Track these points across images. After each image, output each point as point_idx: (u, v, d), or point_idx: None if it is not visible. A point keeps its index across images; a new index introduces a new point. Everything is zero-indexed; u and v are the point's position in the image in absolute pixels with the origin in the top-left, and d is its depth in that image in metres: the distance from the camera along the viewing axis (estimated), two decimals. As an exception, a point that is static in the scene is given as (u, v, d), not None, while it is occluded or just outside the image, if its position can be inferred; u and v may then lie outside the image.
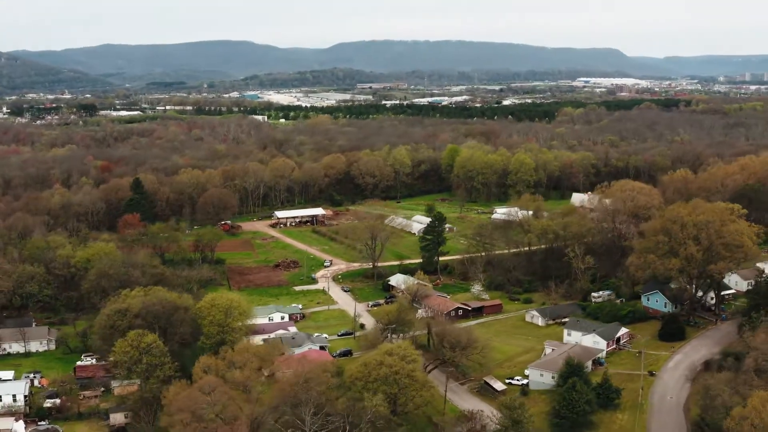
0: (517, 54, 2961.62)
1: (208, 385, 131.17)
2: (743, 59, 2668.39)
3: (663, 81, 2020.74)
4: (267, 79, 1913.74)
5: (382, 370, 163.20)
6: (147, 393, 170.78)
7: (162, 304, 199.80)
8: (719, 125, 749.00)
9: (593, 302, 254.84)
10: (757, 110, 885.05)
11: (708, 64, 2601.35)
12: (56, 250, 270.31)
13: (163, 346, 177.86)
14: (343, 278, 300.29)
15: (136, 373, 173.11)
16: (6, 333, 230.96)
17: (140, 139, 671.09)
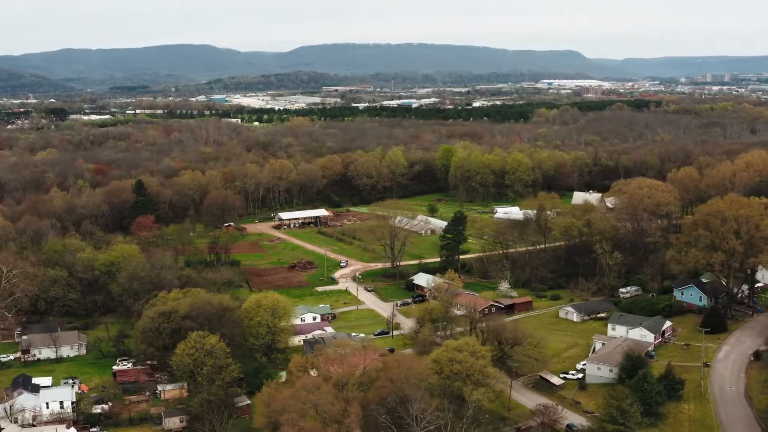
0: (479, 56, 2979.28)
1: (313, 384, 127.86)
2: (702, 60, 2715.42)
3: (625, 82, 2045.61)
4: (231, 83, 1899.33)
5: (455, 367, 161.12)
6: (212, 396, 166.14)
7: (211, 305, 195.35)
8: (694, 125, 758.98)
9: (621, 298, 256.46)
10: (728, 110, 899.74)
11: (667, 66, 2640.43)
12: (75, 254, 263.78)
13: (226, 348, 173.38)
14: (364, 278, 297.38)
15: (201, 375, 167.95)
16: (36, 338, 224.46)
17: (118, 143, 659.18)
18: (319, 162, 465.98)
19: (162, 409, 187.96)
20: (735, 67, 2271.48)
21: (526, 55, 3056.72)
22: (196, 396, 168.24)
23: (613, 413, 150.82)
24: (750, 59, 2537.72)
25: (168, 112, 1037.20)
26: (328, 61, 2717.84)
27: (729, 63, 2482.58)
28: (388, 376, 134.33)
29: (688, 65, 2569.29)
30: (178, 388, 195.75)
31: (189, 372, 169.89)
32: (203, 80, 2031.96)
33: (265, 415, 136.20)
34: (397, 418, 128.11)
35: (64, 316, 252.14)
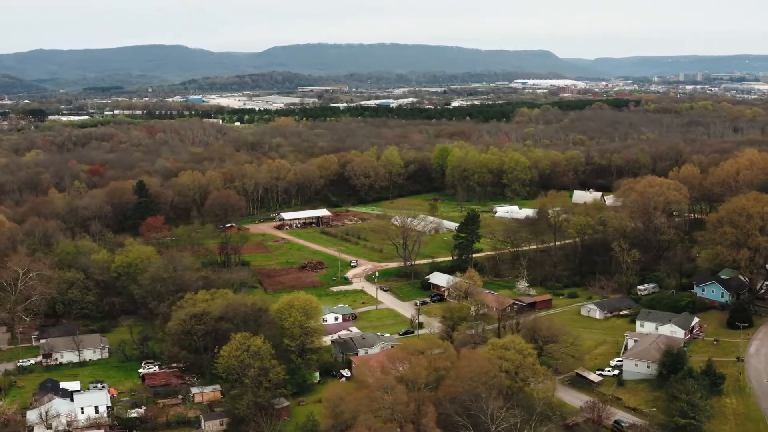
0: (452, 56, 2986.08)
1: (388, 384, 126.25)
2: (673, 60, 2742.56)
3: (598, 81, 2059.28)
4: (205, 83, 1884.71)
5: (504, 364, 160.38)
6: (260, 398, 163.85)
7: (246, 306, 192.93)
8: (676, 124, 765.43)
9: (639, 295, 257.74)
10: (708, 109, 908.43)
11: (638, 65, 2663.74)
12: (88, 256, 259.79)
13: (271, 350, 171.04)
14: (378, 278, 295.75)
15: (248, 377, 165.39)
16: (59, 342, 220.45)
17: (102, 143, 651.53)
18: (315, 162, 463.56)
19: (197, 412, 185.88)
20: (705, 67, 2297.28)
21: (499, 55, 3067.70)
22: (243, 398, 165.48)
23: (684, 407, 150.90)
24: (720, 59, 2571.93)
25: (147, 113, 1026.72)
26: (301, 61, 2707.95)
27: (700, 62, 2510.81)
28: (458, 375, 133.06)
29: (660, 65, 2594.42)
30: (212, 391, 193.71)
31: (236, 374, 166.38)
32: (176, 80, 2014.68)
33: (333, 416, 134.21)
34: (467, 417, 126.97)
35: (78, 319, 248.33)
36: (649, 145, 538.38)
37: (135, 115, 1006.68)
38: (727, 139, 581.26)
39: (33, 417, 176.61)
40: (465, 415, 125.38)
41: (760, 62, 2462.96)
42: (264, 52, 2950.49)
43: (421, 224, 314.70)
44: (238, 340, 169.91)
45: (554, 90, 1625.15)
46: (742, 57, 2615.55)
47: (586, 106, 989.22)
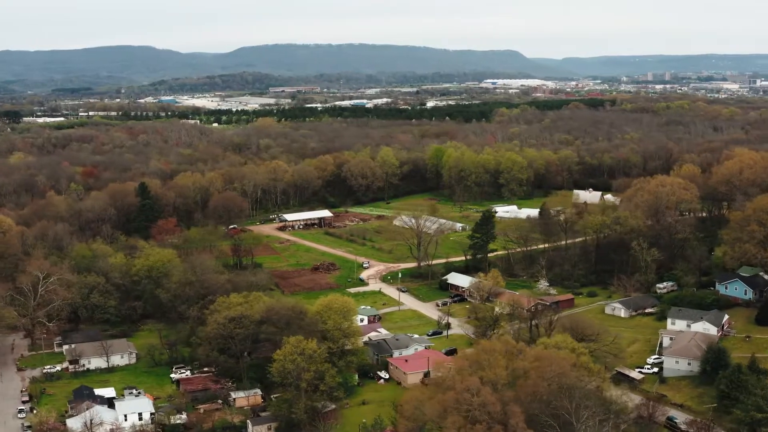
0: (420, 56, 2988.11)
1: (474, 386, 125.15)
2: (640, 59, 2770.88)
3: (567, 81, 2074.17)
4: (175, 84, 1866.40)
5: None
6: (316, 402, 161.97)
7: (287, 308, 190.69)
8: (656, 123, 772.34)
9: (658, 293, 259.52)
10: (685, 109, 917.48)
11: (605, 65, 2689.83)
12: (105, 259, 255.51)
13: (324, 353, 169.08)
14: (393, 278, 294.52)
15: (304, 381, 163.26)
16: (87, 348, 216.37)
17: (83, 145, 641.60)
18: (312, 163, 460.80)
19: (239, 417, 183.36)
20: (672, 66, 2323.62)
21: (467, 55, 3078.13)
22: (298, 403, 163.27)
23: (759, 402, 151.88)
24: (687, 58, 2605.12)
25: (122, 114, 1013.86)
26: (269, 61, 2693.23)
27: (666, 62, 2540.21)
28: (539, 374, 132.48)
29: (626, 64, 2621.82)
30: (252, 395, 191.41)
31: (292, 378, 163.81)
32: (145, 81, 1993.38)
33: (413, 418, 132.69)
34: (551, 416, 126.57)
35: (96, 324, 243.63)
36: (638, 145, 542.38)
37: (110, 117, 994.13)
38: (713, 138, 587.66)
39: (75, 425, 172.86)
40: (549, 414, 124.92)
41: (726, 61, 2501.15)
42: (232, 52, 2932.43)
43: (435, 225, 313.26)
44: (292, 343, 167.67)
45: (526, 90, 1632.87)
46: (708, 56, 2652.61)
47: (563, 106, 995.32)
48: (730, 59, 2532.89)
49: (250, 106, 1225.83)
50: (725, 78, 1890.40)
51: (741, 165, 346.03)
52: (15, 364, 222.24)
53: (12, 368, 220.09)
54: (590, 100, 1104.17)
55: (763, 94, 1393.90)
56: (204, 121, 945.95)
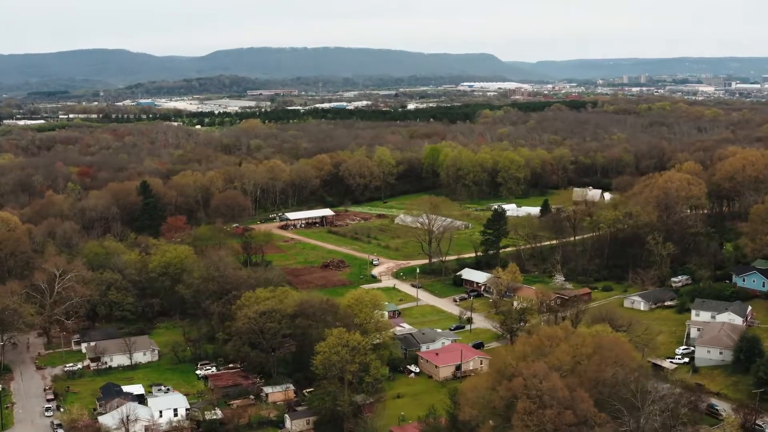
0: (396, 59, 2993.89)
1: (542, 372, 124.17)
2: (614, 63, 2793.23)
3: (543, 84, 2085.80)
4: (152, 87, 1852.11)
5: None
6: (362, 394, 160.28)
7: (321, 301, 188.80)
8: (640, 124, 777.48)
9: (674, 287, 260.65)
10: (667, 110, 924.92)
11: (579, 68, 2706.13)
12: (119, 256, 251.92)
13: (368, 345, 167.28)
14: (405, 275, 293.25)
15: (349, 372, 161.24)
16: (110, 345, 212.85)
17: (68, 147, 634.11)
18: (309, 162, 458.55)
19: (272, 412, 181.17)
20: (646, 69, 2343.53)
21: (443, 58, 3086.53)
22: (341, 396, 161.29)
23: None
24: (661, 61, 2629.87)
25: (103, 117, 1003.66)
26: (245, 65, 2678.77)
27: (640, 65, 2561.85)
28: (602, 360, 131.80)
29: (601, 67, 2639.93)
30: (285, 390, 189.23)
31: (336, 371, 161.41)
32: (120, 85, 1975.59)
33: (479, 406, 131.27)
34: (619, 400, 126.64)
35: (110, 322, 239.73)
36: (630, 144, 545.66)
37: (90, 119, 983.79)
38: (703, 138, 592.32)
39: (109, 421, 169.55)
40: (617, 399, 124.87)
41: (699, 64, 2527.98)
42: (208, 56, 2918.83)
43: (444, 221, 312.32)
44: (335, 335, 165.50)
45: (504, 92, 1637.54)
46: (682, 59, 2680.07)
47: (545, 108, 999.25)
48: (703, 62, 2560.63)
49: (230, 109, 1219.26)
50: (700, 81, 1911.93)
51: (744, 162, 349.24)
52: (33, 363, 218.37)
53: (30, 367, 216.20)
54: (571, 102, 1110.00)
55: (740, 96, 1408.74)
56: (186, 123, 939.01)
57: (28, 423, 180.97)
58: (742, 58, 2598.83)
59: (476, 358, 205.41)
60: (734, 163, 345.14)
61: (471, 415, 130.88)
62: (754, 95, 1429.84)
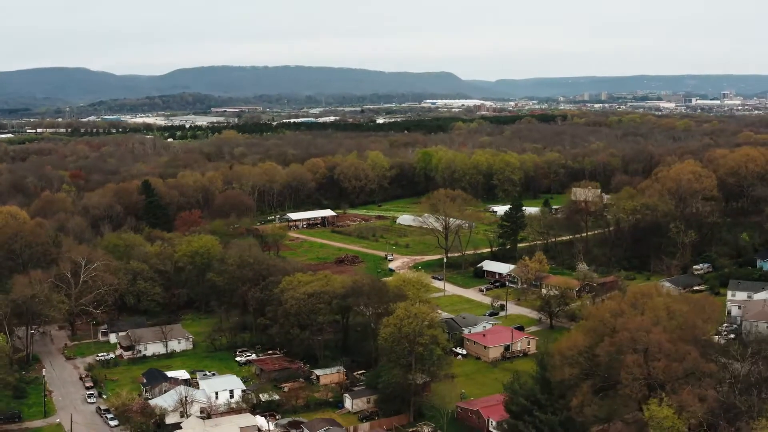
0: (356, 78, 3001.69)
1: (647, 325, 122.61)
2: (573, 81, 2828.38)
3: (505, 101, 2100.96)
4: (115, 105, 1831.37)
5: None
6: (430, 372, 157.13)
7: (372, 281, 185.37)
8: (614, 135, 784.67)
9: (696, 274, 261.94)
10: (638, 122, 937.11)
11: (539, 86, 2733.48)
12: (141, 247, 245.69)
13: (437, 316, 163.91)
14: (424, 269, 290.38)
15: (420, 345, 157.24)
16: (147, 333, 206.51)
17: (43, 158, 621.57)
18: (303, 166, 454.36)
19: (327, 394, 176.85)
20: (605, 87, 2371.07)
21: (403, 77, 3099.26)
22: (408, 371, 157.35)
23: None
24: (619, 79, 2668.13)
25: (72, 131, 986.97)
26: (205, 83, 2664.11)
27: (599, 83, 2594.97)
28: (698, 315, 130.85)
29: (560, 85, 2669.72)
30: (336, 372, 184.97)
31: (406, 344, 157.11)
32: (81, 103, 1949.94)
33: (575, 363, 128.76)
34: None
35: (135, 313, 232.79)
36: (618, 150, 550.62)
37: (59, 133, 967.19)
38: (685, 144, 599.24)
39: (164, 403, 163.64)
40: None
41: (657, 82, 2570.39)
42: (168, 74, 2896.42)
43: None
44: (403, 307, 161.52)
45: (468, 109, 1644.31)
46: (640, 77, 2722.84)
47: (516, 121, 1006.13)
48: (661, 80, 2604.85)
49: (199, 124, 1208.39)
50: (660, 97, 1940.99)
51: (745, 158, 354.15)
52: (61, 354, 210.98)
53: (59, 357, 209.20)
54: (541, 116, 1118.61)
55: (702, 111, 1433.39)
56: (159, 137, 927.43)
57: (71, 410, 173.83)
58: (699, 76, 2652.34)
59: (524, 338, 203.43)
60: (738, 159, 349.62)
61: (570, 375, 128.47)
62: (715, 111, 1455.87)
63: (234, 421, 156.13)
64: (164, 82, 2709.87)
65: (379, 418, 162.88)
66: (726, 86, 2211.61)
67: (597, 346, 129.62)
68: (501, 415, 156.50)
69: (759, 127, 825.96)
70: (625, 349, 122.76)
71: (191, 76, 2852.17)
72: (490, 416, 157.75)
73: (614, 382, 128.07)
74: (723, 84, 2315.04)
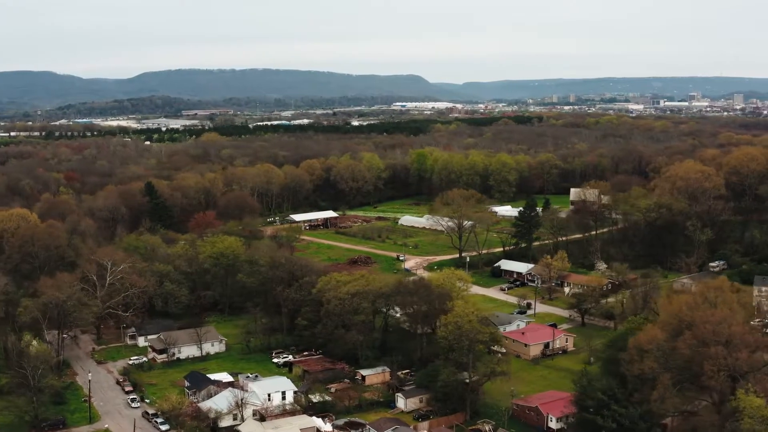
0: (324, 81, 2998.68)
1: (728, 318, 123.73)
2: (540, 83, 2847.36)
3: (474, 104, 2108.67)
4: (84, 108, 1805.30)
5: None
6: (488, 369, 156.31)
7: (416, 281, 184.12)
8: (594, 136, 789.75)
9: (712, 271, 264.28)
10: (614, 123, 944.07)
11: (507, 89, 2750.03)
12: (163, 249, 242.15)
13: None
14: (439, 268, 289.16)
15: (480, 342, 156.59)
16: (182, 336, 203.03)
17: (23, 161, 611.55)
18: (300, 167, 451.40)
19: (375, 394, 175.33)
20: (572, 89, 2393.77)
21: (371, 80, 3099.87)
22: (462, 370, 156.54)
23: None
24: (585, 81, 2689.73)
25: (46, 134, 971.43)
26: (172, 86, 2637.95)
27: (566, 85, 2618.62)
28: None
29: (527, 88, 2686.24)
30: (381, 372, 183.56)
31: (466, 340, 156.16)
32: (48, 106, 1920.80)
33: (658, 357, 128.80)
34: None
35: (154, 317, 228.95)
36: (607, 150, 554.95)
37: (33, 137, 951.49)
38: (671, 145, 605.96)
39: (218, 406, 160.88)
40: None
41: (624, 84, 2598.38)
42: (135, 77, 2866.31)
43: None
44: (460, 306, 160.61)
45: (440, 111, 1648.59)
46: (606, 80, 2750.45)
47: (492, 123, 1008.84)
48: (627, 82, 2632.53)
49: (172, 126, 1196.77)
50: (628, 99, 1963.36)
51: (748, 157, 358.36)
52: (91, 358, 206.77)
53: (88, 362, 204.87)
54: (516, 118, 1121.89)
55: (671, 113, 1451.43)
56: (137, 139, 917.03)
57: (116, 415, 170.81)
58: (665, 78, 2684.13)
59: (562, 336, 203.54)
60: (740, 158, 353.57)
61: (650, 368, 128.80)
62: (684, 112, 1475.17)
63: (293, 422, 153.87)
64: (131, 86, 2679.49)
65: (435, 417, 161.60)
66: (691, 88, 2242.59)
67: (674, 339, 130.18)
68: (561, 411, 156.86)
69: (733, 128, 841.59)
70: (708, 342, 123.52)
71: (158, 80, 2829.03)
72: (549, 412, 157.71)
73: (692, 374, 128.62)
74: (688, 86, 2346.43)
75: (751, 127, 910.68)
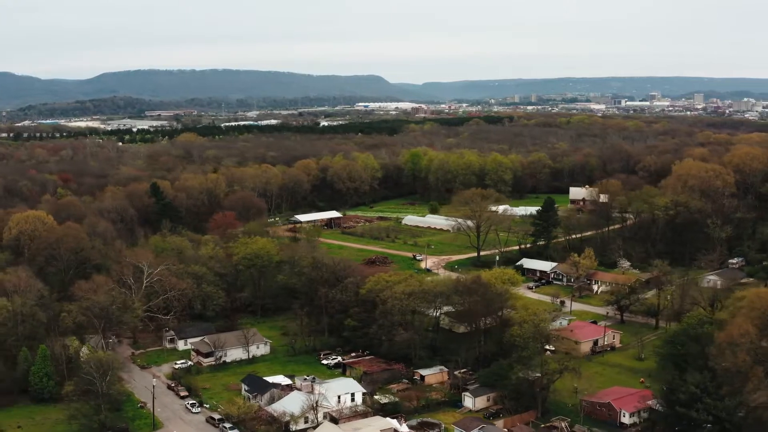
0: (285, 81, 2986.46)
1: None
2: (500, 83, 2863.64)
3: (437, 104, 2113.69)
4: (45, 109, 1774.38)
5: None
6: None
7: (473, 280, 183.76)
8: (569, 136, 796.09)
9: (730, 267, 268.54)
10: (586, 123, 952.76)
11: (466, 89, 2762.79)
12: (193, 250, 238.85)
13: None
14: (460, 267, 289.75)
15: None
16: (230, 338, 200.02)
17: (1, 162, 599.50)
18: (296, 167, 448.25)
19: (437, 394, 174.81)
20: (532, 90, 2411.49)
21: (331, 80, 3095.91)
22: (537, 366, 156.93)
23: None
24: (545, 81, 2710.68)
25: (14, 135, 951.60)
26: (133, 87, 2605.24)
27: (526, 86, 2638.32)
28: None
29: (486, 88, 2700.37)
30: (439, 372, 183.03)
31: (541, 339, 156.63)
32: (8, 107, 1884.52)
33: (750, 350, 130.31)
34: None
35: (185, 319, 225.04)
36: (594, 150, 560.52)
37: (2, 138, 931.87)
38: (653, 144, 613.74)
39: (290, 409, 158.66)
40: None
41: (583, 84, 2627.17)
42: (94, 78, 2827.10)
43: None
44: (533, 305, 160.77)
45: (405, 111, 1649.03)
46: (566, 80, 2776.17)
47: (464, 123, 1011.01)
48: (586, 82, 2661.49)
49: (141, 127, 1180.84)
50: (589, 99, 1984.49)
51: (749, 156, 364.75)
52: (133, 363, 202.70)
53: (131, 367, 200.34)
54: (487, 118, 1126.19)
55: (633, 112, 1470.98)
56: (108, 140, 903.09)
57: (178, 421, 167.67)
58: (623, 78, 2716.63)
59: (609, 332, 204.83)
60: (742, 156, 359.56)
61: (743, 361, 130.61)
62: (647, 111, 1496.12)
63: (372, 424, 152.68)
64: (91, 86, 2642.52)
65: (506, 416, 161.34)
66: (650, 88, 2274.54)
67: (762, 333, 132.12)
68: (634, 407, 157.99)
69: (702, 127, 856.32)
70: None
71: (118, 80, 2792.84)
72: (622, 407, 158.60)
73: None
74: (647, 86, 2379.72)
75: (719, 126, 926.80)
